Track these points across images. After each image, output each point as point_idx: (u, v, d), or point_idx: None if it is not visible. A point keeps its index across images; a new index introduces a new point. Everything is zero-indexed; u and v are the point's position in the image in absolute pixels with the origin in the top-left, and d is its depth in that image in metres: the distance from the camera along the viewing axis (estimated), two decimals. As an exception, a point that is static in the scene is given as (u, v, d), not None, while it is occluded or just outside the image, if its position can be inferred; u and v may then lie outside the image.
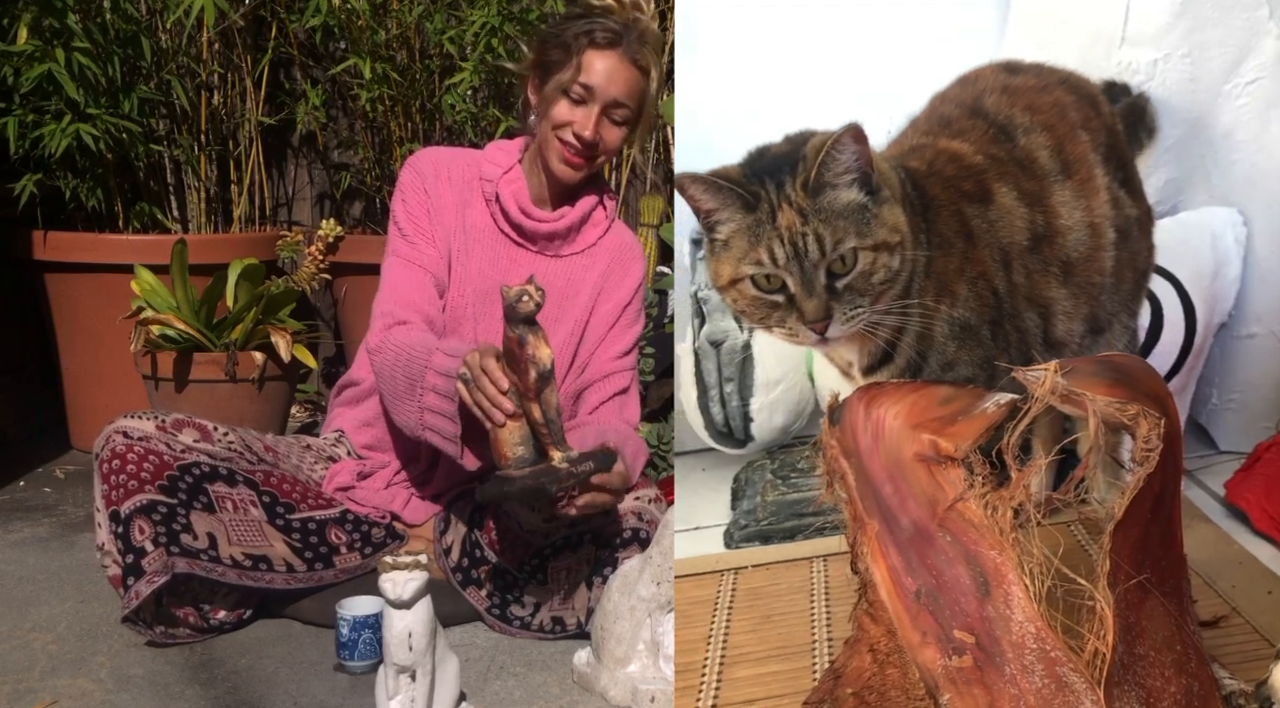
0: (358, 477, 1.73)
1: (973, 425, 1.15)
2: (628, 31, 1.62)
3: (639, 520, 1.59)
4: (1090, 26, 1.92)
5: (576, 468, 1.42)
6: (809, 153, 1.24)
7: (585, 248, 1.75)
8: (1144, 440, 1.06)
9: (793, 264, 1.22)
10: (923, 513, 1.14)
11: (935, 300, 1.31)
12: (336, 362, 3.05)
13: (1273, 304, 1.97)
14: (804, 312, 1.24)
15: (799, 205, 1.23)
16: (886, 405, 1.22)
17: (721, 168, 1.28)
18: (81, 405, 2.60)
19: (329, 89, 3.00)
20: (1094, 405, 1.07)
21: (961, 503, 1.12)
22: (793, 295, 1.24)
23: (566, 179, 1.67)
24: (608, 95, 1.61)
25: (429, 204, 1.69)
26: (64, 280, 2.53)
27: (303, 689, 1.42)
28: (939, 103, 1.51)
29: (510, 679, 1.47)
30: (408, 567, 1.21)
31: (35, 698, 1.37)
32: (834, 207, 1.23)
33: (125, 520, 1.50)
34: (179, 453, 1.57)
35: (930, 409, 1.19)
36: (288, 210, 3.13)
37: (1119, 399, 1.08)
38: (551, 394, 1.41)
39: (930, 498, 1.14)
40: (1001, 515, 1.10)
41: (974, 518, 1.11)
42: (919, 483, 1.15)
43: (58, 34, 2.31)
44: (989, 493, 1.12)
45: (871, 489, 1.20)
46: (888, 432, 1.20)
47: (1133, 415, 1.07)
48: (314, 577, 1.62)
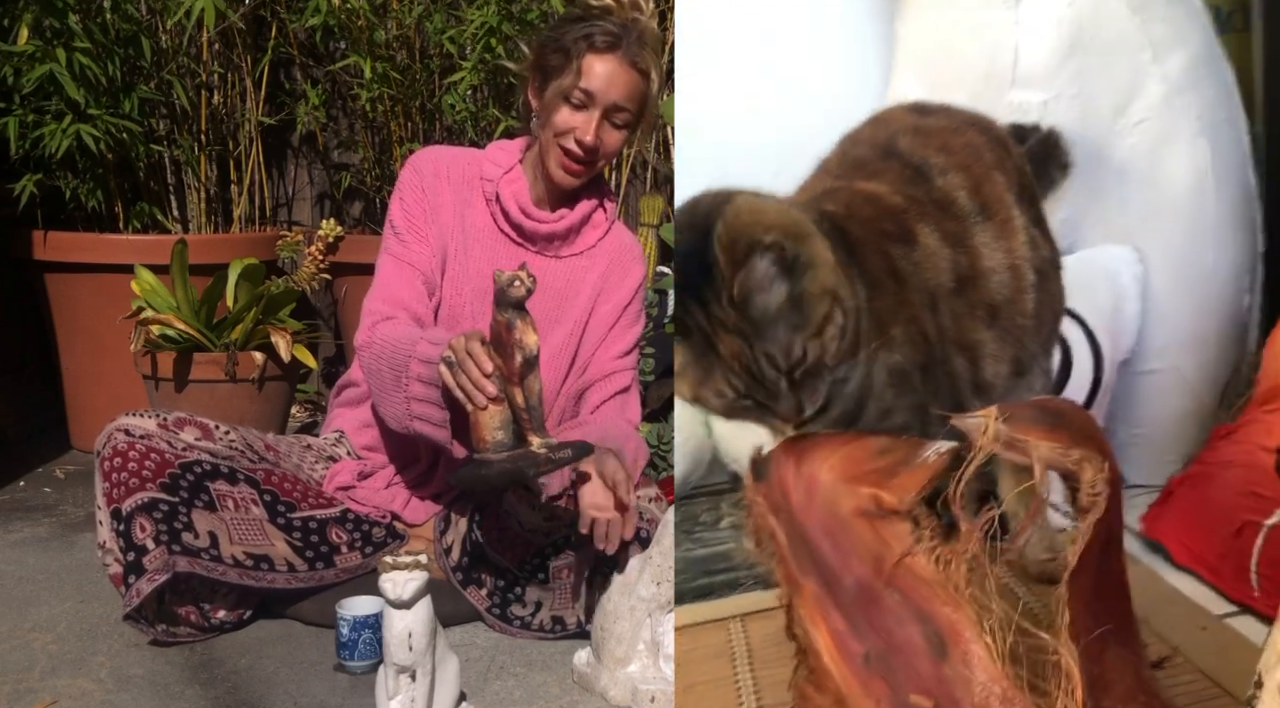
0: (358, 476, 1.73)
1: (915, 477, 1.09)
2: (627, 33, 1.61)
3: (640, 520, 1.59)
4: (980, 68, 1.93)
5: (555, 454, 1.43)
6: (723, 269, 1.13)
7: (585, 249, 1.76)
8: (1090, 486, 1.02)
9: (755, 387, 1.15)
10: (867, 571, 1.08)
11: (875, 344, 1.25)
12: (336, 362, 3.05)
13: (1171, 340, 1.98)
14: (778, 414, 1.17)
15: (735, 328, 1.14)
16: (819, 459, 1.15)
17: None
18: (81, 405, 2.60)
19: (329, 89, 3.00)
20: (1037, 452, 1.03)
21: (910, 558, 1.06)
22: (762, 403, 1.17)
23: (566, 185, 1.67)
24: (608, 99, 1.61)
25: (426, 203, 1.69)
26: (64, 280, 2.53)
27: (303, 689, 1.42)
28: (850, 144, 1.45)
29: (510, 679, 1.47)
30: (408, 567, 1.21)
31: (35, 698, 1.37)
32: (768, 314, 1.13)
33: (126, 518, 1.50)
34: (180, 451, 1.57)
35: (867, 461, 1.13)
36: (288, 210, 3.13)
37: (1061, 444, 1.03)
38: (534, 381, 1.42)
39: (875, 555, 1.08)
40: (955, 570, 1.04)
41: (924, 574, 1.05)
42: (861, 540, 1.10)
43: (58, 34, 2.32)
44: (939, 546, 1.06)
45: (807, 549, 1.14)
46: (823, 487, 1.13)
47: (1076, 460, 1.03)
48: (315, 576, 1.62)
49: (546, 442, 1.43)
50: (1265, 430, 1.55)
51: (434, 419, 1.51)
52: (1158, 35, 1.92)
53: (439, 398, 1.48)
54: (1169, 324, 1.98)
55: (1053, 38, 1.90)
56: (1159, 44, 1.92)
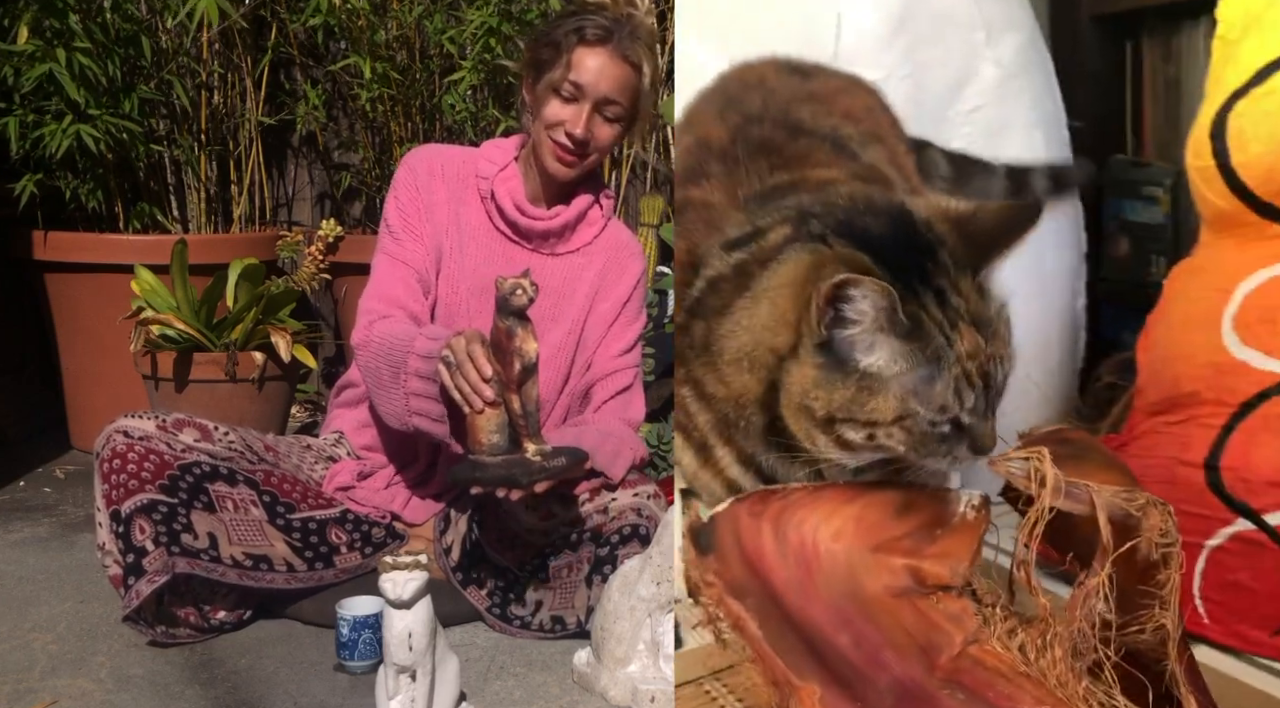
0: (358, 477, 1.73)
1: (963, 540, 0.90)
2: (619, 27, 1.61)
3: (639, 517, 1.59)
4: (795, 40, 1.69)
5: (549, 462, 1.44)
6: (986, 222, 1.02)
7: (581, 246, 1.76)
8: (1161, 534, 0.85)
9: (979, 400, 0.99)
10: (913, 667, 0.86)
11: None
12: (336, 362, 3.05)
13: (1021, 346, 1.90)
14: (978, 441, 0.99)
15: (972, 316, 1.00)
16: (813, 523, 0.93)
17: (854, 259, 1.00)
18: (81, 405, 2.60)
19: (329, 89, 3.00)
20: (1099, 499, 0.87)
21: (976, 646, 0.84)
22: (965, 425, 0.99)
23: (561, 177, 1.67)
24: (598, 92, 1.61)
25: (421, 202, 1.70)
26: (64, 280, 2.53)
27: (303, 689, 1.41)
28: (741, 121, 1.30)
29: (510, 679, 1.47)
30: (408, 567, 1.21)
31: (35, 698, 1.37)
32: (996, 309, 1.03)
33: (126, 520, 1.50)
34: (179, 452, 1.57)
35: (888, 524, 0.92)
36: (288, 210, 3.13)
37: (1123, 488, 0.88)
38: (532, 388, 1.43)
39: (923, 644, 0.86)
40: (1059, 656, 0.82)
41: (1000, 665, 0.83)
42: (900, 627, 0.87)
43: (58, 34, 2.31)
44: (1019, 628, 0.85)
45: (804, 641, 0.91)
46: (828, 559, 0.91)
47: (1141, 506, 0.86)
48: (314, 577, 1.62)
49: (541, 449, 1.44)
50: (1179, 443, 1.45)
51: (432, 414, 1.52)
52: (991, 14, 1.80)
53: (437, 393, 1.49)
54: (1017, 331, 1.89)
55: (880, 6, 1.72)
56: (992, 24, 1.79)
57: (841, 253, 1.01)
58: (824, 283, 0.97)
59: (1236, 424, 1.40)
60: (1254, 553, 1.37)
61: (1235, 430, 1.40)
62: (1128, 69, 2.29)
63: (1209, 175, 1.48)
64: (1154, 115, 2.26)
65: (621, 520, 1.59)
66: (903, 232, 1.03)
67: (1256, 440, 1.38)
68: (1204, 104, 1.51)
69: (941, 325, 0.98)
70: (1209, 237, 1.54)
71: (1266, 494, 1.36)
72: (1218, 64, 1.52)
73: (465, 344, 1.43)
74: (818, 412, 0.99)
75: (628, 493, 1.62)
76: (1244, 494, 1.38)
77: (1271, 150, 1.42)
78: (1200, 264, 1.54)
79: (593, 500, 1.63)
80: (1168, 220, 2.13)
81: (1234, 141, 1.44)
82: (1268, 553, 1.36)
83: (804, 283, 1.02)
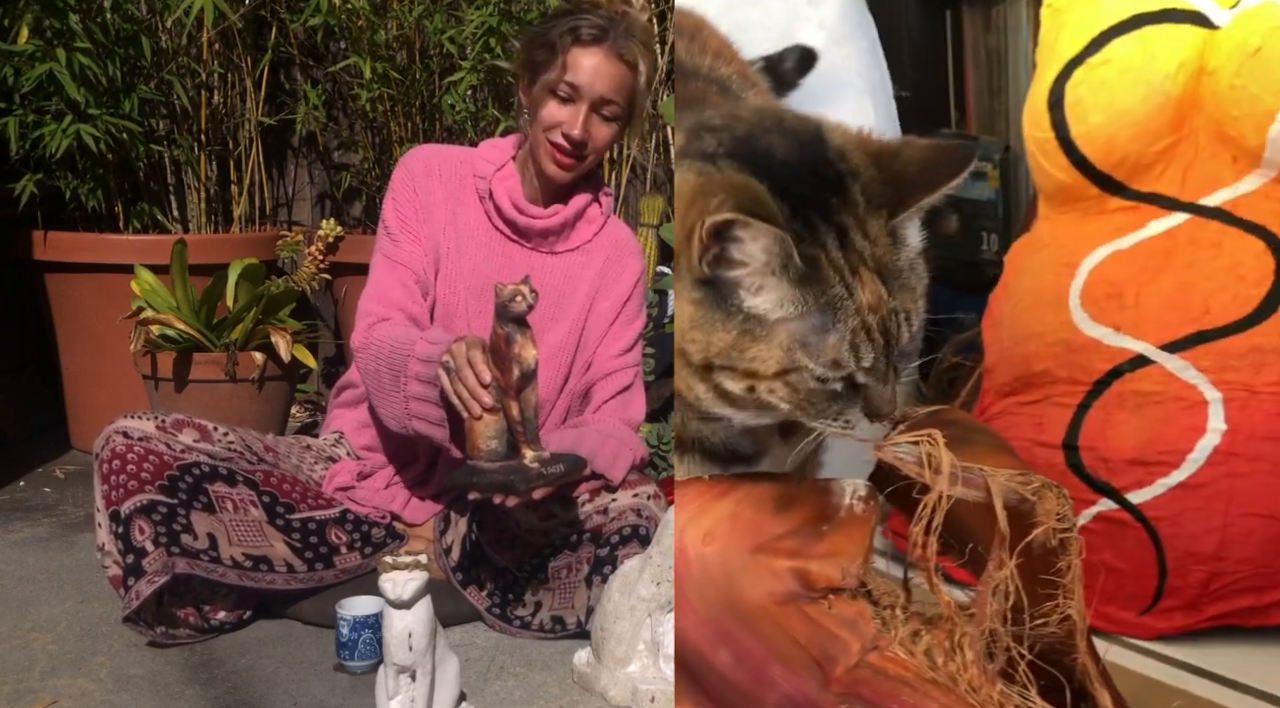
0: (358, 477, 1.73)
1: (853, 536, 0.80)
2: (614, 26, 1.61)
3: (639, 517, 1.59)
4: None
5: (547, 470, 1.44)
6: (910, 159, 0.93)
7: (581, 245, 1.76)
8: (1057, 517, 0.79)
9: (879, 358, 0.90)
10: (805, 681, 0.75)
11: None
12: (336, 362, 3.05)
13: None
14: (875, 404, 0.90)
15: (878, 264, 0.90)
16: (679, 523, 0.83)
17: (745, 187, 0.89)
18: (81, 405, 2.60)
19: (329, 89, 3.00)
20: (996, 485, 0.79)
21: (876, 653, 0.74)
22: (860, 385, 0.91)
23: (559, 179, 1.67)
24: (595, 93, 1.61)
25: (418, 202, 1.70)
26: (64, 280, 2.53)
27: (303, 689, 1.41)
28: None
29: (510, 679, 1.47)
30: (408, 567, 1.21)
31: (35, 698, 1.37)
32: (908, 259, 0.94)
33: (125, 521, 1.50)
34: (179, 453, 1.57)
35: (766, 522, 0.82)
36: (288, 210, 3.13)
37: (1016, 471, 0.81)
38: (531, 394, 1.43)
39: (816, 656, 0.75)
40: (962, 660, 0.73)
41: (905, 672, 0.73)
42: (787, 637, 0.77)
43: (59, 34, 2.31)
44: (922, 630, 0.75)
45: (682, 661, 0.82)
46: (701, 566, 0.80)
47: (1036, 489, 0.80)
48: (314, 577, 1.62)
49: (539, 455, 1.44)
50: (1034, 424, 1.42)
51: (432, 418, 1.52)
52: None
53: (437, 397, 1.49)
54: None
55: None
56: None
57: (732, 179, 0.89)
58: (706, 218, 0.87)
59: (1092, 403, 1.37)
60: (1117, 533, 1.35)
61: (1091, 408, 1.37)
62: (948, 39, 2.19)
63: (1048, 147, 1.42)
64: (977, 87, 2.17)
65: (621, 521, 1.59)
66: (810, 157, 0.93)
67: (1113, 419, 1.35)
68: (1037, 74, 1.46)
69: (841, 271, 0.88)
70: (1048, 211, 1.48)
71: (1127, 473, 1.34)
72: (1049, 32, 1.46)
73: (465, 350, 1.43)
74: (694, 356, 0.90)
75: (627, 493, 1.62)
76: (1105, 474, 1.35)
77: (1111, 120, 1.37)
78: (1041, 239, 1.49)
79: (592, 501, 1.63)
80: (996, 196, 2.06)
81: (1072, 112, 1.39)
82: (1130, 531, 1.34)
83: (685, 208, 0.92)
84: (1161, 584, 1.34)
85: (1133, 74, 1.36)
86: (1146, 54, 1.36)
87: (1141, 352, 1.35)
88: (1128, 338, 1.36)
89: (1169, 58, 1.36)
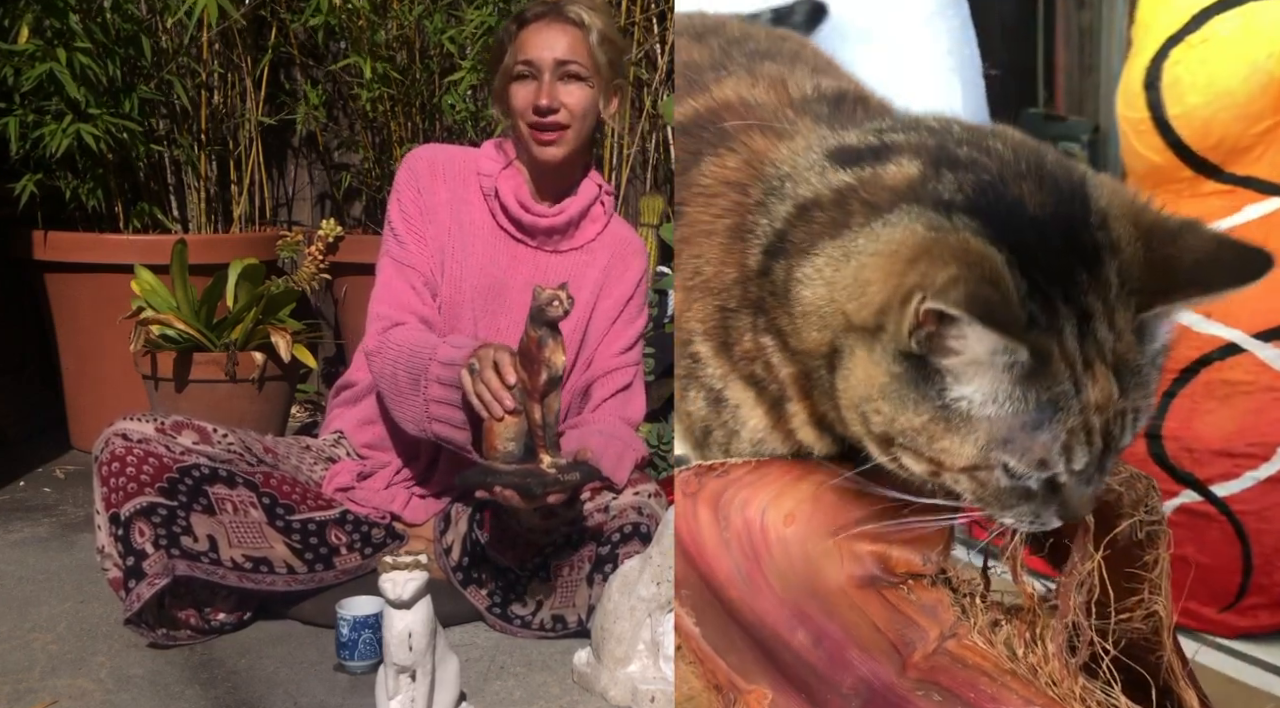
0: (358, 477, 1.73)
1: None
2: (555, 3, 1.63)
3: (640, 516, 1.59)
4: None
5: (563, 476, 1.44)
6: (1191, 248, 0.77)
7: (585, 244, 1.76)
8: (1145, 510, 0.76)
9: (1090, 462, 0.77)
10: (882, 666, 0.74)
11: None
12: (336, 362, 3.05)
13: None
14: (1070, 508, 0.79)
15: (1117, 359, 0.76)
16: (760, 504, 0.80)
17: (980, 261, 0.75)
18: (81, 405, 2.60)
19: (329, 89, 3.00)
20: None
21: (954, 641, 0.74)
22: (1060, 486, 0.79)
23: (552, 160, 1.66)
24: (549, 60, 1.62)
25: (422, 203, 1.70)
26: (64, 280, 2.53)
27: (303, 689, 1.41)
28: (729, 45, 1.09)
29: (510, 679, 1.47)
30: (408, 567, 1.21)
31: (35, 698, 1.37)
32: (1151, 354, 0.79)
33: (125, 523, 1.50)
34: (178, 455, 1.57)
35: (851, 505, 0.79)
36: (288, 210, 3.13)
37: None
38: (555, 400, 1.43)
39: (894, 641, 0.75)
40: (1043, 652, 0.71)
41: (984, 662, 0.72)
42: (866, 621, 0.76)
43: (59, 34, 2.31)
44: (1003, 619, 0.74)
45: (751, 639, 0.79)
46: (779, 546, 0.78)
47: (1124, 480, 0.77)
48: (314, 578, 1.62)
49: (556, 462, 1.44)
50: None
51: (454, 422, 1.52)
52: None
53: (459, 400, 1.49)
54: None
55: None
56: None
57: (969, 247, 0.75)
58: (930, 299, 0.74)
59: (1178, 391, 1.33)
60: (1200, 526, 1.30)
61: (1177, 397, 1.33)
62: (1039, 16, 2.12)
63: (1142, 128, 1.38)
64: (1067, 65, 2.10)
65: (622, 519, 1.59)
66: (1066, 218, 0.78)
67: (1200, 408, 1.31)
68: (1132, 52, 1.42)
69: (1073, 365, 0.75)
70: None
71: (1212, 464, 1.29)
72: (1146, 10, 1.42)
73: (493, 353, 1.44)
74: (875, 425, 0.79)
75: (628, 492, 1.62)
76: (1189, 465, 1.31)
77: (1209, 101, 1.32)
78: None
79: (593, 499, 1.63)
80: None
81: (1169, 92, 1.34)
82: (1215, 525, 1.29)
83: (904, 265, 0.78)
84: (1246, 581, 1.30)
85: (1234, 53, 1.30)
86: (1249, 32, 1.30)
87: (1232, 339, 1.30)
88: (1218, 325, 1.30)
89: (1273, 36, 1.29)
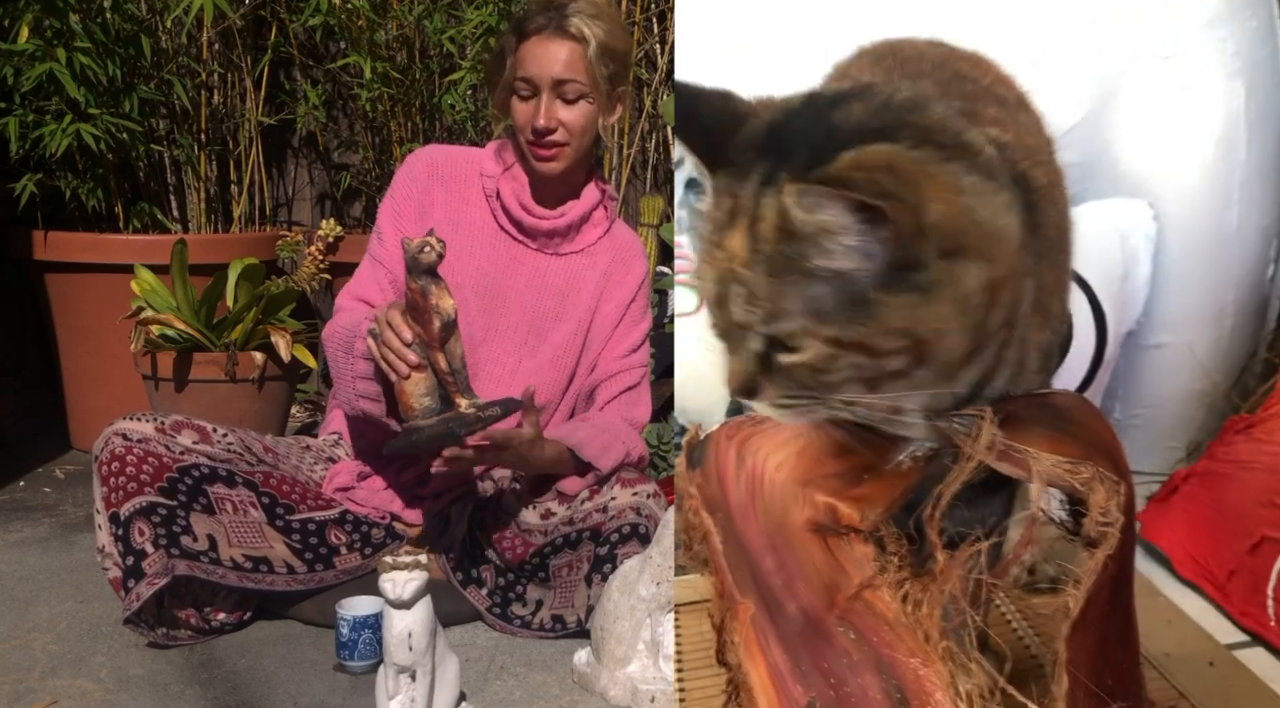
0: (358, 477, 1.73)
1: (884, 488, 0.88)
2: (558, 11, 1.62)
3: (638, 516, 1.59)
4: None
5: (483, 413, 1.46)
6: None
7: (586, 246, 1.76)
8: (1100, 512, 0.83)
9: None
10: (816, 600, 0.87)
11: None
12: (337, 362, 3.05)
13: (1185, 310, 1.74)
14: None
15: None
16: (766, 451, 0.94)
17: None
18: (81, 405, 2.60)
19: (329, 89, 3.00)
20: (1038, 466, 0.84)
21: (870, 591, 0.85)
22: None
23: (550, 174, 1.67)
24: (548, 77, 1.61)
25: (415, 204, 1.70)
26: (64, 280, 2.53)
27: (303, 689, 1.42)
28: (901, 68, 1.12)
29: (510, 679, 1.47)
30: (408, 567, 1.21)
31: (35, 698, 1.37)
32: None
33: (125, 523, 1.50)
34: (178, 455, 1.57)
35: (824, 462, 0.91)
36: (288, 210, 3.13)
37: (1068, 458, 0.85)
38: (456, 344, 1.45)
39: (827, 581, 0.87)
40: (927, 613, 0.83)
41: (887, 612, 0.84)
42: (811, 560, 0.89)
43: (59, 34, 2.31)
44: (908, 580, 0.85)
45: (746, 560, 0.93)
46: (768, 487, 0.92)
47: (1086, 480, 0.84)
48: (314, 578, 1.62)
49: (474, 402, 1.46)
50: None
51: (372, 394, 1.54)
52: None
53: (374, 372, 1.52)
54: (1183, 293, 1.74)
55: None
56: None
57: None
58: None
59: None
60: None
61: None
62: None
63: None
64: None
65: (621, 519, 1.59)
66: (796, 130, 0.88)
67: None
68: None
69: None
70: None
71: None
72: None
73: (385, 313, 1.46)
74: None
75: (627, 492, 1.62)
76: None
77: None
78: None
79: (592, 499, 1.63)
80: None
81: None
82: None
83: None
84: None
85: None
86: None
87: None
88: None
89: None
